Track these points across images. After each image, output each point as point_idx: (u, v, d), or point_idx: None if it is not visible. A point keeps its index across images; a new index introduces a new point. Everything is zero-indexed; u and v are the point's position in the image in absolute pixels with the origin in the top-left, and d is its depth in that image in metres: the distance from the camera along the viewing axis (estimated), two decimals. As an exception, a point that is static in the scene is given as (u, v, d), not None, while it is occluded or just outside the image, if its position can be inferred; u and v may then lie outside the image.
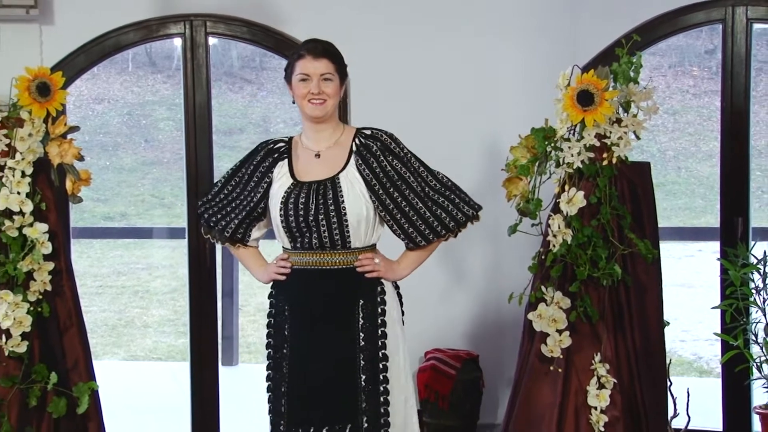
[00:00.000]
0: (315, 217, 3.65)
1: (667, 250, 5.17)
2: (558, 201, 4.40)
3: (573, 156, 4.36)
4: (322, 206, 3.65)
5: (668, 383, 4.63)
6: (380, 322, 3.75)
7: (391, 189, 3.73)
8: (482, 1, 5.66)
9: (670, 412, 4.68)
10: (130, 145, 12.37)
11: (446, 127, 5.63)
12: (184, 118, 5.48)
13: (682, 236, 10.48)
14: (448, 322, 5.69)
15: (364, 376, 3.68)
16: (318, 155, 3.76)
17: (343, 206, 3.66)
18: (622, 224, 4.36)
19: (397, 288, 3.88)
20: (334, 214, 3.66)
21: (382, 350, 3.73)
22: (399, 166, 3.75)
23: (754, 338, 4.97)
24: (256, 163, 3.80)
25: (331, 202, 3.66)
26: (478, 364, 5.52)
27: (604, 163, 4.38)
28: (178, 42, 5.58)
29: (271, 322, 3.77)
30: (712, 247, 6.31)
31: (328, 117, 3.77)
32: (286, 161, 3.77)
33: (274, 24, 5.51)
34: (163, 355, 9.54)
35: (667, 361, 4.59)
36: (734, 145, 5.39)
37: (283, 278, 3.75)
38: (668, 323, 4.56)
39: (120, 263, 11.48)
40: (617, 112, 4.43)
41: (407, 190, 3.76)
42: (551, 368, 4.31)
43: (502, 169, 4.55)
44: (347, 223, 3.68)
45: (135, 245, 11.78)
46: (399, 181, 3.75)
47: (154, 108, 12.64)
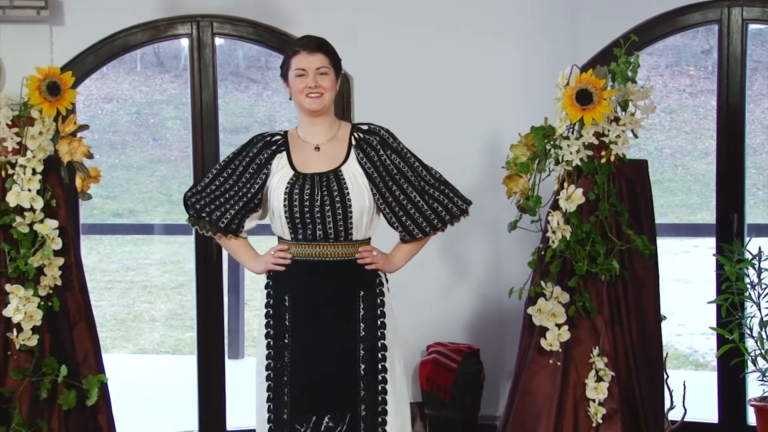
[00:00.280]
0: (321, 209, 3.65)
1: (664, 246, 5.18)
2: (557, 198, 4.40)
3: (572, 154, 4.35)
4: (327, 197, 3.65)
5: (665, 376, 4.63)
6: (380, 312, 3.75)
7: (390, 183, 3.75)
8: (483, 2, 5.65)
9: (667, 405, 4.69)
10: (138, 143, 12.37)
11: (448, 126, 5.62)
12: (191, 117, 5.48)
13: (678, 232, 10.47)
14: (450, 317, 5.69)
15: (363, 366, 3.69)
16: (317, 148, 3.76)
17: (348, 198, 3.67)
18: (620, 221, 4.36)
19: (387, 281, 3.89)
20: (339, 206, 3.66)
21: (382, 340, 3.73)
22: (397, 160, 3.78)
23: (749, 332, 4.97)
24: (252, 155, 3.76)
25: (336, 194, 3.66)
26: (479, 358, 5.52)
27: (603, 160, 4.38)
28: (185, 42, 5.57)
29: (270, 312, 3.73)
30: (708, 243, 6.30)
31: (326, 110, 3.77)
32: (284, 153, 3.75)
33: (279, 24, 5.50)
34: (171, 349, 9.54)
35: (664, 355, 4.60)
36: (730, 143, 5.39)
37: (282, 269, 3.73)
38: (665, 317, 4.56)
39: (128, 259, 11.49)
40: (615, 110, 4.43)
41: (405, 184, 3.78)
42: (550, 361, 4.31)
43: (503, 167, 4.55)
44: (351, 215, 3.68)
45: (143, 241, 11.78)
46: (397, 175, 3.77)
47: (162, 107, 12.64)
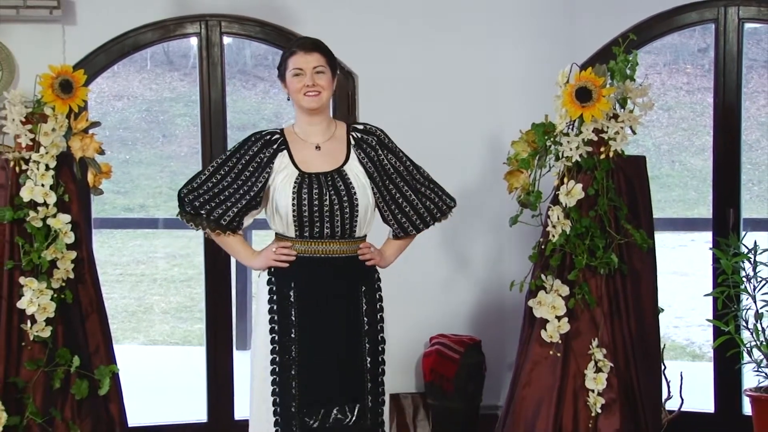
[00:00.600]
0: (330, 207, 3.65)
1: (662, 240, 5.17)
2: (557, 193, 4.39)
3: (572, 150, 4.35)
4: (335, 196, 3.65)
5: (662, 367, 4.63)
6: (379, 307, 3.78)
7: (387, 181, 3.78)
8: (485, 3, 5.65)
9: (664, 395, 4.69)
10: (148, 140, 12.36)
11: (450, 123, 5.62)
12: (200, 114, 5.48)
13: (675, 227, 10.46)
14: (452, 309, 5.69)
15: (369, 359, 3.71)
16: (318, 147, 3.76)
17: (355, 197, 3.68)
18: (619, 215, 4.36)
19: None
20: (347, 204, 3.67)
21: (381, 334, 3.77)
22: (393, 159, 3.81)
23: (744, 324, 4.97)
24: (252, 153, 3.74)
25: (344, 193, 3.67)
26: (481, 349, 5.52)
27: (602, 156, 4.37)
28: (194, 41, 5.57)
29: (274, 308, 3.71)
30: (705, 237, 6.30)
31: (323, 109, 3.77)
32: (285, 152, 3.74)
33: (286, 24, 5.50)
34: (180, 340, 9.55)
35: (662, 346, 4.60)
36: (726, 139, 5.38)
37: (285, 265, 3.72)
38: (662, 310, 4.56)
39: (139, 252, 11.49)
40: (614, 108, 4.43)
41: (401, 183, 3.82)
42: (550, 353, 4.32)
43: (504, 163, 4.55)
44: (357, 213, 3.69)
45: (153, 235, 11.78)
46: (394, 174, 3.81)
47: (172, 104, 12.63)
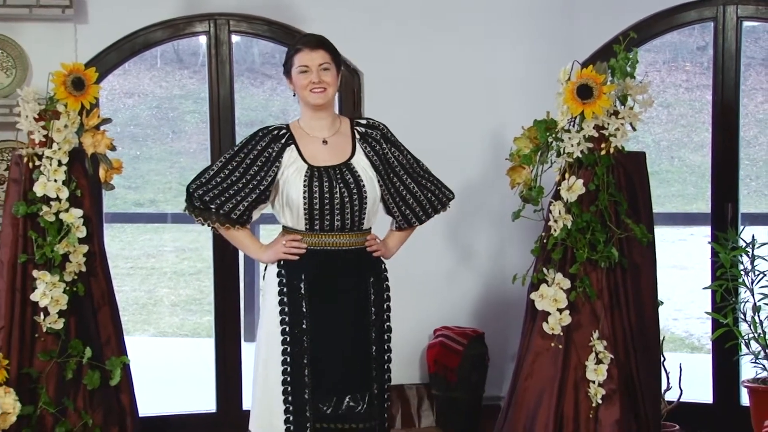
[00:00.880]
0: (341, 200, 3.66)
1: (661, 234, 5.17)
2: (559, 188, 4.39)
3: (573, 146, 4.35)
4: (345, 189, 3.66)
5: (662, 359, 4.63)
6: (385, 297, 3.81)
7: (392, 174, 3.80)
8: (486, 4, 5.65)
9: (664, 386, 4.69)
10: (158, 136, 12.36)
11: (454, 120, 5.62)
12: (209, 111, 5.48)
13: (675, 221, 10.45)
14: (456, 302, 5.69)
15: (375, 348, 3.72)
16: (325, 142, 3.76)
17: (364, 189, 3.69)
18: (619, 210, 4.35)
19: None
20: (357, 197, 3.68)
21: (387, 323, 3.80)
22: (396, 153, 3.83)
23: (742, 317, 4.97)
24: (260, 148, 3.73)
25: (353, 186, 3.68)
26: (484, 341, 5.52)
27: (602, 152, 4.37)
28: (203, 40, 5.57)
29: (284, 299, 3.71)
30: (704, 232, 6.28)
31: (329, 105, 3.77)
32: (293, 146, 3.74)
33: (293, 22, 5.50)
34: (190, 332, 9.56)
35: (661, 338, 4.59)
36: (724, 135, 5.37)
37: (295, 258, 3.71)
38: (662, 302, 4.56)
39: (149, 246, 11.49)
40: (615, 104, 4.42)
41: (404, 175, 3.84)
42: (552, 345, 4.31)
43: (507, 159, 4.54)
44: (366, 205, 3.69)
45: (163, 230, 11.78)
46: (397, 167, 3.83)
47: (181, 101, 12.62)
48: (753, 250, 4.95)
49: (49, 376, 4.39)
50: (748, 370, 5.14)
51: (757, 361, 4.98)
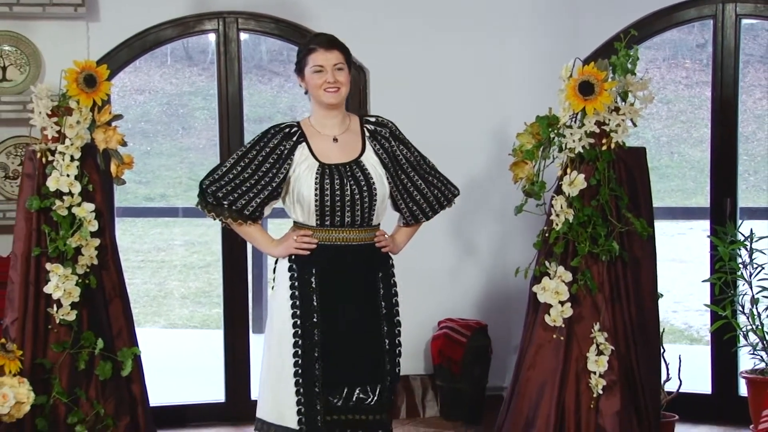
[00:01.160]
0: (351, 197, 3.65)
1: (661, 228, 5.16)
2: (560, 183, 4.39)
3: (574, 141, 4.34)
4: (355, 186, 3.66)
5: (661, 350, 4.63)
6: (394, 292, 3.80)
7: (399, 171, 3.80)
8: (492, 2, 5.64)
9: (663, 377, 4.68)
10: (168, 132, 12.35)
11: (458, 116, 5.62)
12: (218, 108, 5.48)
13: (674, 215, 10.41)
14: (460, 294, 5.69)
15: (387, 341, 3.72)
16: (336, 140, 3.75)
17: (374, 186, 3.69)
18: (620, 204, 4.35)
19: None
20: (366, 194, 3.67)
21: (397, 317, 3.79)
22: (404, 150, 3.82)
23: (740, 309, 4.97)
24: (272, 145, 3.71)
25: (363, 183, 3.67)
26: (487, 333, 5.52)
27: (603, 148, 4.36)
28: (212, 37, 5.57)
29: (295, 293, 3.70)
30: (703, 226, 6.28)
31: (340, 104, 3.77)
32: (304, 144, 3.73)
33: (300, 20, 5.50)
34: (199, 324, 9.57)
35: (661, 330, 4.59)
36: (723, 131, 5.36)
37: (306, 253, 3.71)
38: (661, 295, 4.55)
39: (160, 240, 11.50)
40: (616, 101, 4.42)
41: (412, 172, 3.83)
42: (554, 336, 4.31)
43: (509, 154, 4.54)
44: (375, 202, 3.69)
45: (173, 224, 11.78)
46: (405, 164, 3.82)
47: (191, 98, 12.61)
48: (751, 244, 4.95)
49: (62, 366, 4.40)
50: (746, 361, 5.15)
51: (755, 353, 4.98)
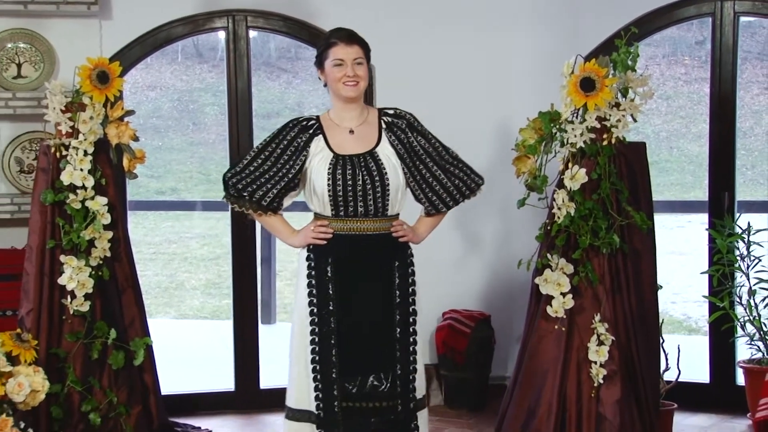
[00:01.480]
0: (363, 187, 3.65)
1: (661, 221, 5.15)
2: (562, 177, 4.38)
3: (576, 137, 4.34)
4: (367, 177, 3.66)
5: (661, 340, 4.63)
6: (411, 281, 3.78)
7: (418, 162, 3.78)
8: (494, 2, 5.64)
9: (663, 366, 4.68)
10: (179, 128, 12.36)
11: (462, 112, 5.61)
12: (228, 103, 5.48)
13: (673, 209, 10.40)
14: (464, 286, 5.69)
15: (399, 329, 3.71)
16: (352, 131, 3.75)
17: (387, 177, 3.68)
18: (620, 198, 4.35)
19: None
20: (379, 184, 3.67)
21: (413, 306, 3.76)
22: (423, 141, 3.80)
23: (738, 300, 4.97)
24: (290, 138, 3.73)
25: (376, 174, 3.67)
26: (490, 324, 5.52)
27: (604, 143, 4.36)
28: (221, 35, 5.57)
29: (312, 282, 3.71)
30: (701, 219, 6.26)
31: (359, 97, 3.77)
32: (321, 136, 3.74)
33: (308, 18, 5.50)
34: (209, 314, 9.58)
35: (660, 321, 4.59)
36: (721, 126, 5.35)
37: (323, 243, 3.71)
38: (661, 287, 4.55)
39: (171, 233, 11.51)
40: (616, 97, 4.41)
41: (430, 163, 3.80)
42: (555, 327, 4.31)
43: (512, 149, 4.54)
44: (389, 192, 3.69)
45: (184, 217, 11.80)
46: (423, 155, 3.79)
47: (201, 94, 12.61)
48: (748, 237, 4.94)
49: (76, 356, 4.42)
50: (744, 351, 5.14)
51: (752, 343, 4.98)
